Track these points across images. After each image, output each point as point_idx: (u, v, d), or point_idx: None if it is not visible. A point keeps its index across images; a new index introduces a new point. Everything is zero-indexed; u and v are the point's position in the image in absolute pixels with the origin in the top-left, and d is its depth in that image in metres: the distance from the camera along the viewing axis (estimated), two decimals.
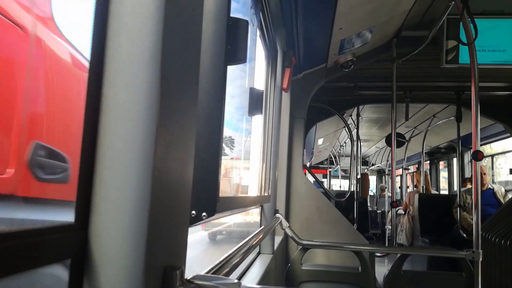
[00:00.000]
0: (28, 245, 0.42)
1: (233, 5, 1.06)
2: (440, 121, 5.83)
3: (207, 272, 0.89)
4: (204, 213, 0.87)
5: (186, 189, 0.69)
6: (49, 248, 0.46)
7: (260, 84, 2.30)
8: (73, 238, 0.51)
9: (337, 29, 2.57)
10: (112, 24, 0.55)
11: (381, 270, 3.37)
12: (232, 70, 1.04)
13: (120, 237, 0.52)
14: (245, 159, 2.62)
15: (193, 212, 0.85)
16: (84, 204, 0.53)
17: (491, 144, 6.79)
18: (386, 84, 3.80)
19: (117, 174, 0.53)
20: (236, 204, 1.37)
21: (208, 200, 0.88)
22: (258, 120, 2.31)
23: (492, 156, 6.98)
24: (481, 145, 2.40)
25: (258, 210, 2.58)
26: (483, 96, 3.78)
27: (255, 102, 1.68)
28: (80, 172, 0.53)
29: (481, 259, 2.20)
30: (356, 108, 5.39)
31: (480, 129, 2.39)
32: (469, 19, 2.34)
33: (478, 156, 2.26)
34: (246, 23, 1.03)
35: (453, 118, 4.73)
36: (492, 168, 6.88)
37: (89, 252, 0.52)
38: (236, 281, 0.66)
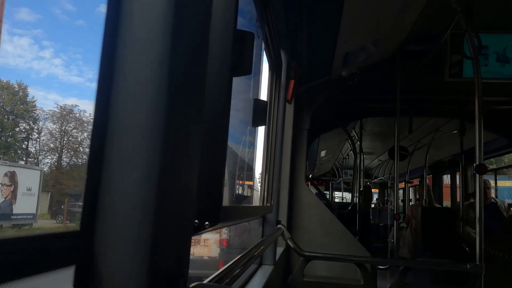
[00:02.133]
0: (34, 251, 0.43)
1: (239, 17, 1.07)
2: (443, 135, 5.82)
3: (209, 282, 0.89)
4: (207, 222, 0.87)
5: (190, 198, 0.69)
6: (55, 254, 0.47)
7: (264, 95, 2.31)
8: (78, 245, 0.51)
9: (342, 42, 2.59)
10: (122, 35, 0.56)
11: (383, 283, 3.35)
12: (236, 83, 1.05)
13: (124, 244, 0.53)
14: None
15: (196, 221, 0.85)
16: (89, 212, 0.53)
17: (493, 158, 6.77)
18: (389, 97, 3.81)
19: (122, 182, 0.54)
20: (238, 214, 1.37)
21: (211, 210, 0.88)
22: (262, 131, 2.32)
23: (496, 170, 6.96)
24: (484, 159, 2.40)
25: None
26: (487, 110, 3.79)
27: (259, 113, 1.69)
28: (86, 181, 0.54)
29: (483, 273, 2.18)
30: (359, 121, 5.39)
31: (484, 143, 2.39)
32: (473, 34, 2.35)
33: (481, 169, 2.25)
34: (252, 35, 1.04)
35: (456, 132, 4.72)
36: (495, 183, 6.84)
37: (94, 259, 0.53)
38: None
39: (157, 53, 0.56)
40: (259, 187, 2.31)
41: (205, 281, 0.83)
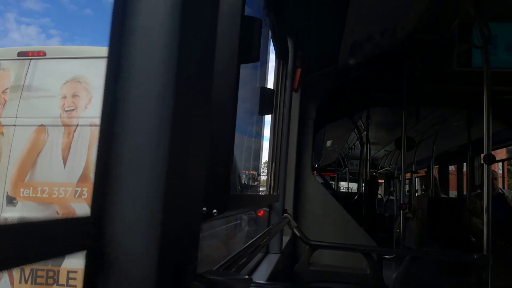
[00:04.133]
0: (45, 236, 0.43)
1: (246, 5, 1.06)
2: (451, 125, 5.78)
3: (217, 269, 0.89)
4: (215, 210, 0.87)
5: (198, 186, 0.69)
6: (66, 240, 0.47)
7: (271, 84, 2.31)
8: (88, 231, 0.52)
9: (349, 31, 2.57)
10: (129, 21, 0.56)
11: (389, 273, 3.35)
12: (243, 72, 1.04)
13: (134, 231, 0.53)
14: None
15: (204, 209, 0.85)
16: (99, 198, 0.54)
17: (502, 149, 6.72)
18: (396, 87, 3.78)
19: (132, 170, 0.54)
20: (246, 202, 1.38)
21: (219, 197, 0.88)
22: (269, 121, 2.32)
23: (503, 161, 6.91)
24: (492, 149, 2.38)
25: None
26: (495, 100, 3.75)
27: (266, 101, 1.68)
28: (96, 168, 0.54)
29: (491, 263, 2.18)
30: (366, 111, 5.37)
31: (492, 133, 2.37)
32: (483, 23, 2.32)
33: (489, 159, 2.24)
34: (259, 21, 1.03)
35: (463, 122, 4.69)
36: (503, 174, 6.80)
37: (104, 245, 0.53)
38: (247, 276, 0.66)
39: (164, 41, 0.55)
40: (266, 176, 2.32)
41: (213, 269, 0.83)
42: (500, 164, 7.16)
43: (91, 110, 2.92)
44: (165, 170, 0.54)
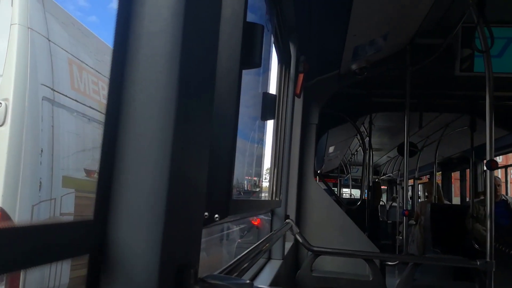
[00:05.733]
0: (48, 239, 0.43)
1: (249, 10, 1.07)
2: (454, 131, 5.77)
3: (219, 273, 0.89)
4: (216, 215, 0.87)
5: (201, 191, 0.69)
6: (69, 242, 0.47)
7: (273, 89, 2.31)
8: (91, 234, 0.52)
9: (351, 35, 2.57)
10: (133, 27, 0.56)
11: (391, 280, 3.34)
12: (245, 78, 1.04)
13: (137, 235, 0.53)
14: None
15: (206, 213, 0.85)
16: (102, 202, 0.54)
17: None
18: (399, 92, 3.78)
19: (135, 173, 0.54)
20: (248, 207, 1.37)
21: (221, 202, 0.88)
22: (271, 127, 2.32)
23: (506, 167, 6.89)
24: (495, 156, 2.37)
25: None
26: (498, 106, 3.73)
27: (268, 106, 1.69)
28: (99, 171, 0.54)
29: (494, 270, 2.16)
30: (368, 116, 5.36)
31: (494, 139, 2.36)
32: (485, 27, 2.32)
33: (492, 165, 2.23)
34: (261, 28, 1.04)
35: (466, 128, 4.67)
36: (506, 180, 6.77)
37: (107, 248, 0.53)
38: (248, 281, 0.66)
39: (167, 46, 0.56)
40: (268, 182, 2.31)
41: (215, 273, 0.83)
42: (503, 170, 7.13)
43: None
44: (167, 174, 0.54)
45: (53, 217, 2.34)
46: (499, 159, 8.31)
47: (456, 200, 8.67)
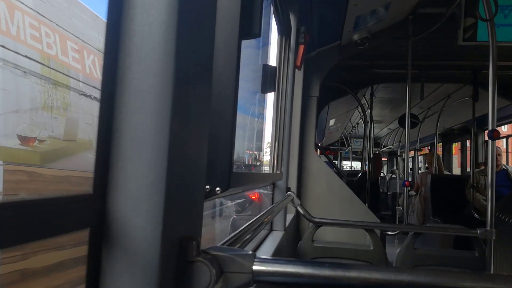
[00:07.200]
0: (48, 213, 0.43)
1: None
2: (455, 102, 5.73)
3: (222, 245, 0.90)
4: (218, 188, 0.87)
5: (201, 164, 0.69)
6: (69, 217, 0.47)
7: (273, 61, 2.27)
8: (92, 208, 0.52)
9: (352, 5, 2.52)
10: None
11: (392, 249, 3.38)
12: (244, 51, 1.02)
13: (138, 208, 0.53)
14: None
15: (207, 187, 0.85)
16: (102, 175, 0.54)
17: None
18: (401, 62, 3.74)
19: (134, 147, 0.54)
20: (249, 180, 1.38)
21: (222, 175, 0.88)
22: (271, 99, 2.30)
23: (507, 137, 6.88)
24: (496, 125, 2.36)
25: None
26: (501, 76, 3.70)
27: (268, 79, 1.66)
28: (97, 144, 0.54)
29: (494, 238, 2.19)
30: (370, 88, 5.32)
31: (497, 109, 2.35)
32: None
33: (494, 135, 2.22)
34: None
35: (468, 98, 4.64)
36: (507, 150, 6.78)
37: (108, 222, 0.53)
38: (251, 252, 0.66)
39: (163, 16, 0.54)
40: (269, 156, 2.31)
41: (217, 245, 0.83)
42: (504, 140, 7.13)
43: None
44: (167, 148, 0.54)
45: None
46: (504, 129, 8.30)
47: (457, 171, 8.71)
